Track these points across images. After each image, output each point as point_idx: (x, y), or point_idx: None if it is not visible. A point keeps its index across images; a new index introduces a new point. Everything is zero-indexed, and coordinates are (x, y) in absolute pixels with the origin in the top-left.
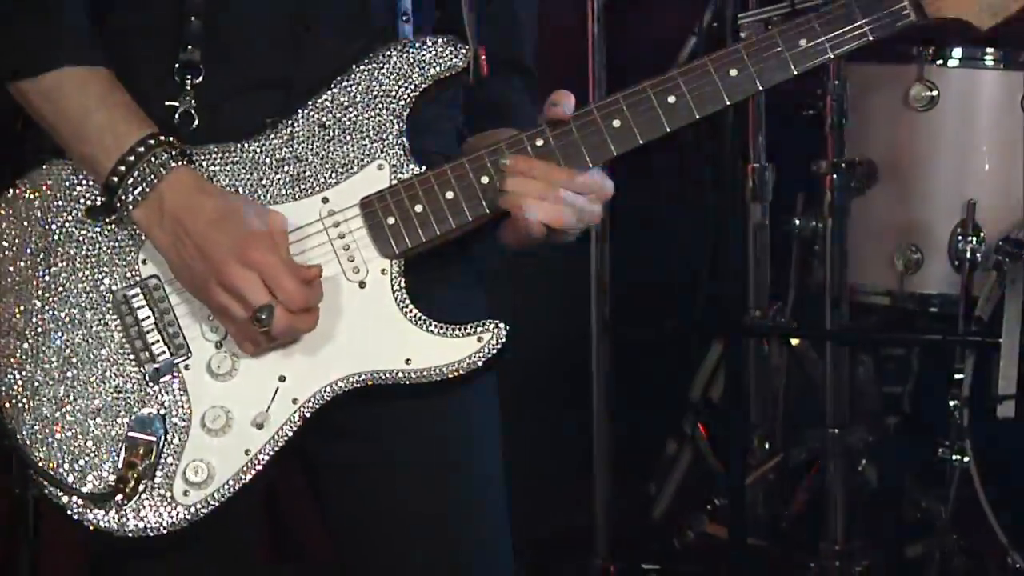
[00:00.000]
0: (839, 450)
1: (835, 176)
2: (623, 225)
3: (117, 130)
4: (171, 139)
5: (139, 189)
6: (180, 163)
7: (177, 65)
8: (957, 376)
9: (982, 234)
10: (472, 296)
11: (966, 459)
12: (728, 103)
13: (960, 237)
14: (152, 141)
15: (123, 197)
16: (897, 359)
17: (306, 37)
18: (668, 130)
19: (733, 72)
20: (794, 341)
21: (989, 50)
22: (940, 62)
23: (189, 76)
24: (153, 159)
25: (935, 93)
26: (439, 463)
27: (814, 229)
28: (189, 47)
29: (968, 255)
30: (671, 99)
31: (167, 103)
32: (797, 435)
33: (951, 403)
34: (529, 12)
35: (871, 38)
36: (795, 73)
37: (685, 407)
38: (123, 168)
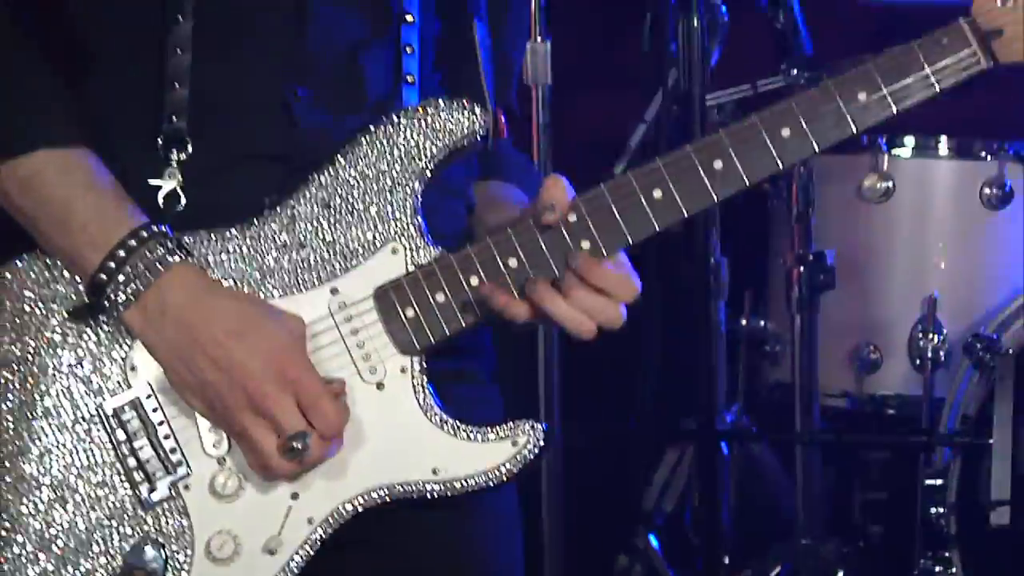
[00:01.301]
0: (812, 564)
1: (802, 269)
2: None
3: (105, 220)
4: (166, 231)
5: (132, 287)
6: (179, 258)
7: (160, 139)
8: (933, 481)
9: (945, 331)
10: (489, 393)
11: (953, 571)
12: (781, 168)
13: (921, 334)
14: (145, 233)
15: (113, 296)
16: (865, 463)
17: (299, 105)
18: (716, 199)
19: (785, 132)
20: (753, 447)
21: (943, 138)
22: (894, 151)
23: (174, 150)
24: (148, 254)
25: (890, 184)
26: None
27: (763, 328)
28: (173, 117)
29: (930, 353)
30: (718, 164)
31: (149, 182)
32: (760, 547)
33: (933, 510)
34: (518, 52)
35: (938, 89)
36: (854, 132)
37: (637, 518)
38: (113, 264)
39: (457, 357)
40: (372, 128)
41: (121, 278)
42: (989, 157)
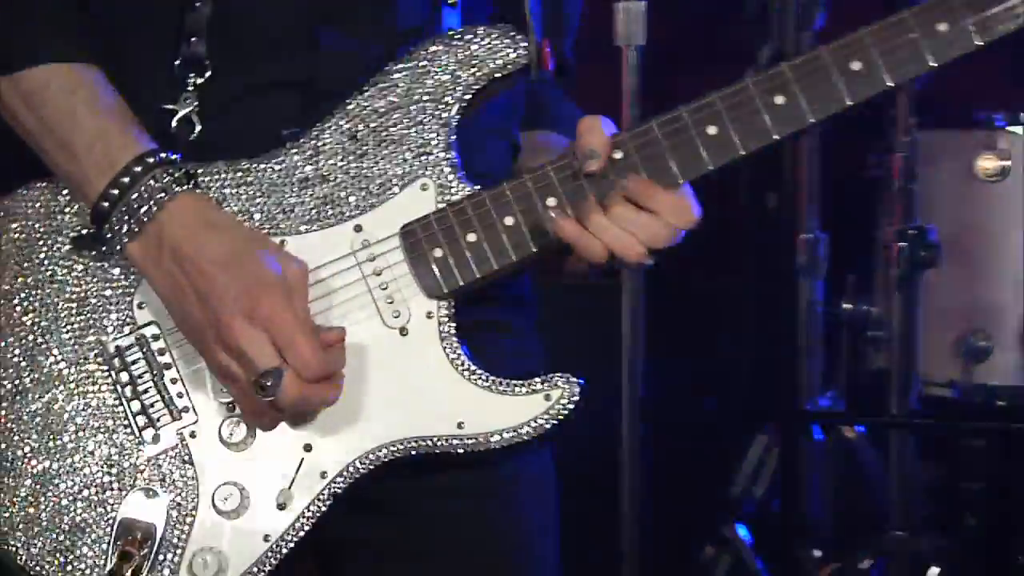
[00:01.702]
0: (906, 558)
1: (903, 245)
2: (657, 296)
3: (110, 145)
4: (174, 158)
5: (135, 218)
6: (185, 187)
7: (178, 61)
8: None
9: None
10: (528, 345)
11: None
12: (849, 104)
13: None
14: (152, 160)
15: (116, 227)
16: (971, 452)
17: (323, 29)
18: (775, 138)
19: (856, 66)
20: (848, 434)
21: None
22: (1011, 128)
23: (192, 74)
24: (153, 182)
25: (1007, 163)
26: (484, 551)
27: (866, 313)
28: (193, 39)
29: None
30: (779, 99)
31: (164, 107)
32: (854, 539)
33: None
34: (574, 5)
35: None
36: (933, 67)
37: (725, 505)
38: (116, 192)
39: (493, 307)
40: (406, 54)
41: (124, 207)
42: None
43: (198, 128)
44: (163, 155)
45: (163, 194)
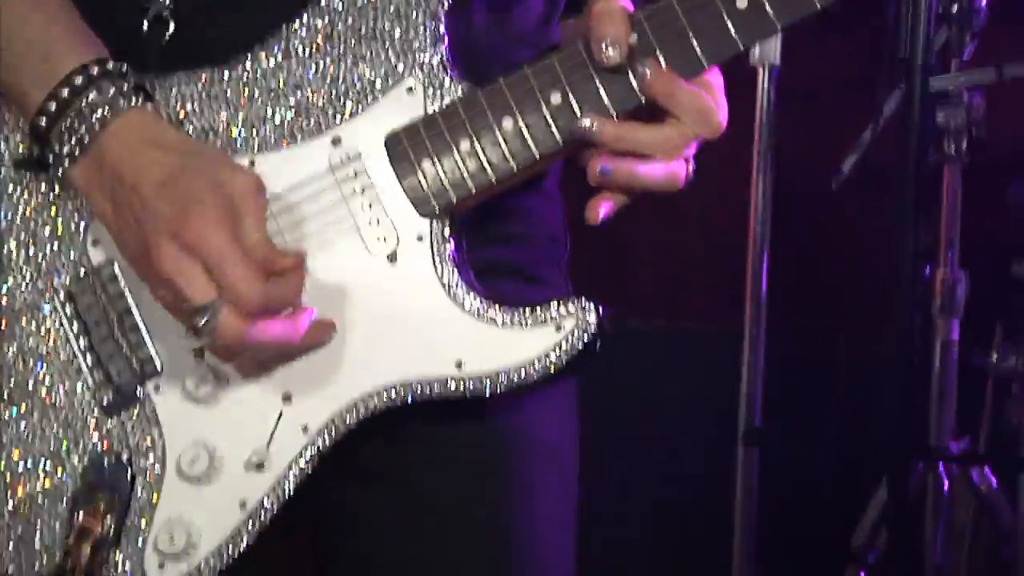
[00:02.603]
0: None
1: None
2: (776, 327)
3: (50, 52)
4: (124, 67)
5: (76, 137)
6: (133, 101)
7: None
8: None
9: None
10: (553, 295)
11: None
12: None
13: None
14: (97, 70)
15: (55, 147)
16: None
17: None
18: (819, 7)
19: None
20: (980, 484)
21: None
22: None
23: None
24: (96, 94)
25: None
26: (485, 520)
27: (1014, 367)
28: None
29: None
30: None
31: (136, 5)
32: None
33: None
34: None
35: None
36: None
37: (847, 555)
38: (55, 106)
39: (509, 247)
40: None
41: (65, 124)
42: None
43: (170, 29)
44: (110, 65)
45: (107, 108)
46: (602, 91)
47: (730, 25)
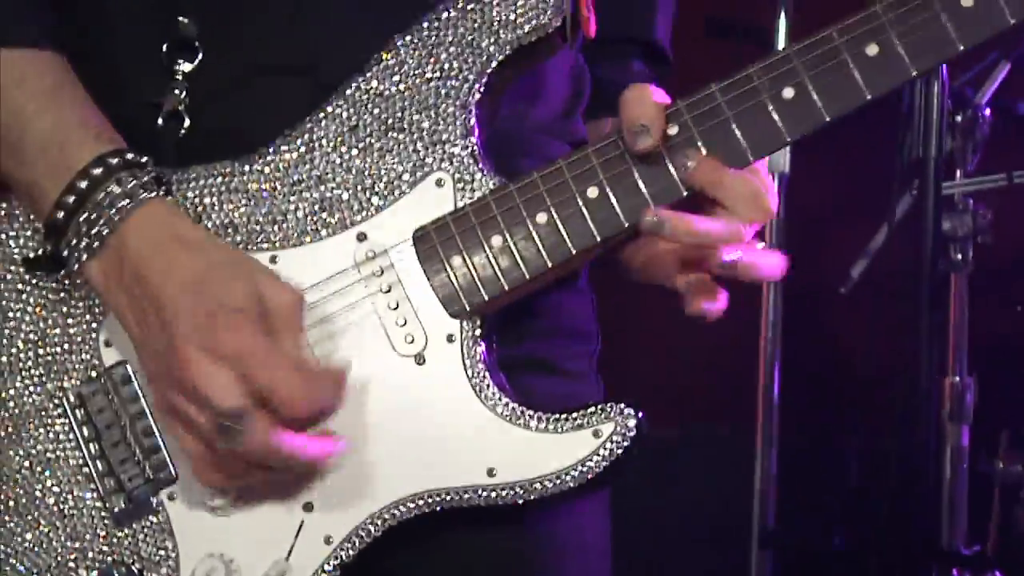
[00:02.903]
0: None
1: None
2: (788, 416)
3: (66, 144)
4: (142, 159)
5: (95, 231)
6: (154, 193)
7: (166, 46)
8: None
9: None
10: (584, 389)
11: None
12: (961, 48)
13: None
14: (115, 161)
15: (72, 242)
16: None
17: (327, 5)
18: (869, 98)
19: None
20: None
21: None
22: None
23: (181, 60)
24: (116, 187)
25: None
26: None
27: (1021, 474)
28: (182, 18)
29: None
30: (871, 50)
31: (151, 102)
32: None
33: None
34: None
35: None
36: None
37: None
38: (73, 200)
39: (539, 341)
40: (414, 28)
41: (82, 217)
42: None
43: (187, 123)
44: (129, 156)
45: (127, 201)
46: (640, 184)
47: (776, 117)
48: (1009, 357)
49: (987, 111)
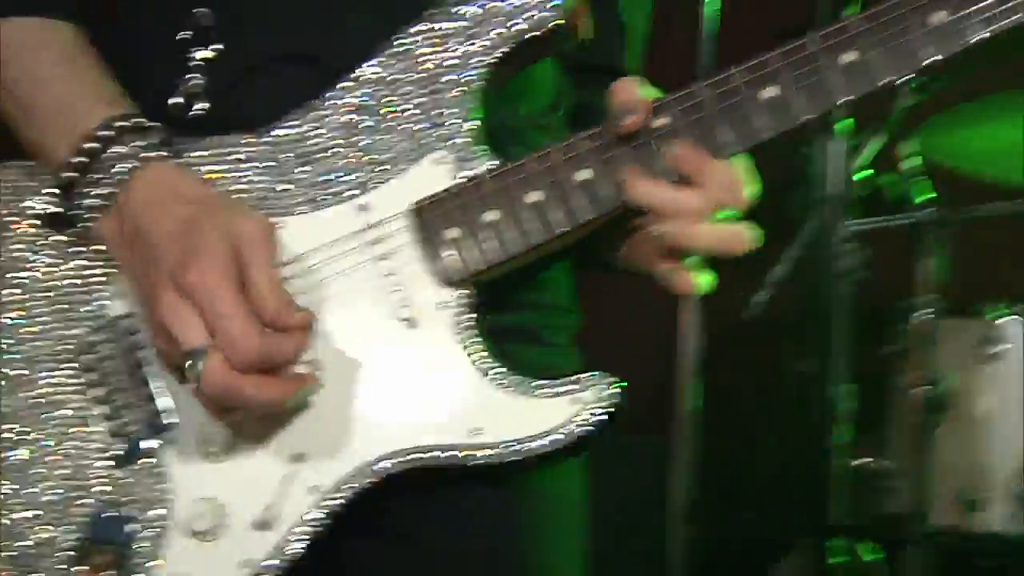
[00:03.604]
0: None
1: (925, 395)
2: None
3: (77, 108)
4: (151, 124)
5: (102, 190)
6: (159, 154)
7: (184, 35)
8: None
9: None
10: (562, 359)
11: None
12: (922, 65)
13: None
14: (123, 123)
15: (82, 201)
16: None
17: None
18: (842, 99)
19: (936, 17)
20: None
21: None
22: (1005, 317)
23: (199, 47)
24: (122, 148)
25: (1001, 347)
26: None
27: (876, 467)
28: (199, 9)
29: None
30: (848, 57)
31: (171, 82)
32: None
33: None
34: (638, 19)
35: None
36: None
37: None
38: (82, 160)
39: (522, 313)
40: (425, 17)
41: (91, 178)
42: None
43: (206, 105)
44: (137, 119)
45: (133, 163)
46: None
47: (764, 113)
48: (882, 369)
49: None
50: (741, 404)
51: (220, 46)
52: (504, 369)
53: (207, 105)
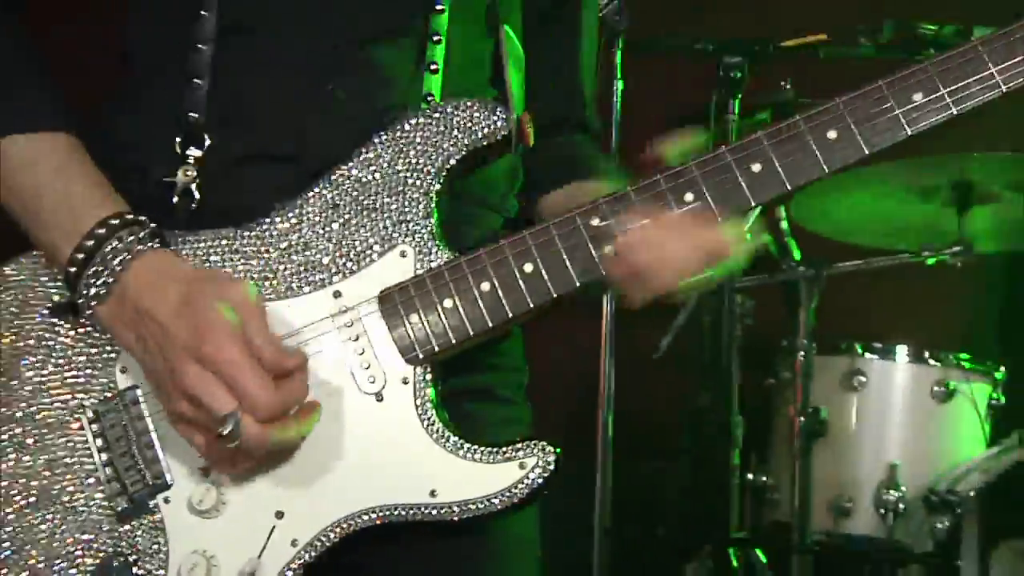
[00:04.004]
0: None
1: (802, 420)
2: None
3: (74, 211)
4: (141, 218)
5: (101, 280)
6: (150, 246)
7: (179, 136)
8: None
9: (902, 489)
10: (517, 412)
11: None
12: (828, 172)
13: (885, 490)
14: (116, 221)
15: (85, 291)
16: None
17: (314, 112)
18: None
19: (832, 134)
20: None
21: (902, 347)
22: (866, 355)
23: (192, 147)
24: (117, 243)
25: (863, 379)
26: None
27: (764, 483)
28: (192, 113)
29: (891, 504)
30: (756, 167)
31: (166, 179)
32: None
33: None
34: (590, 72)
35: (1004, 89)
36: (908, 134)
37: None
38: (82, 256)
39: (480, 375)
40: (388, 127)
41: (91, 270)
42: (936, 363)
43: (196, 197)
44: (128, 216)
45: (127, 255)
46: (568, 263)
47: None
48: (763, 403)
49: None
50: (652, 432)
51: (208, 143)
52: (458, 438)
53: (198, 197)
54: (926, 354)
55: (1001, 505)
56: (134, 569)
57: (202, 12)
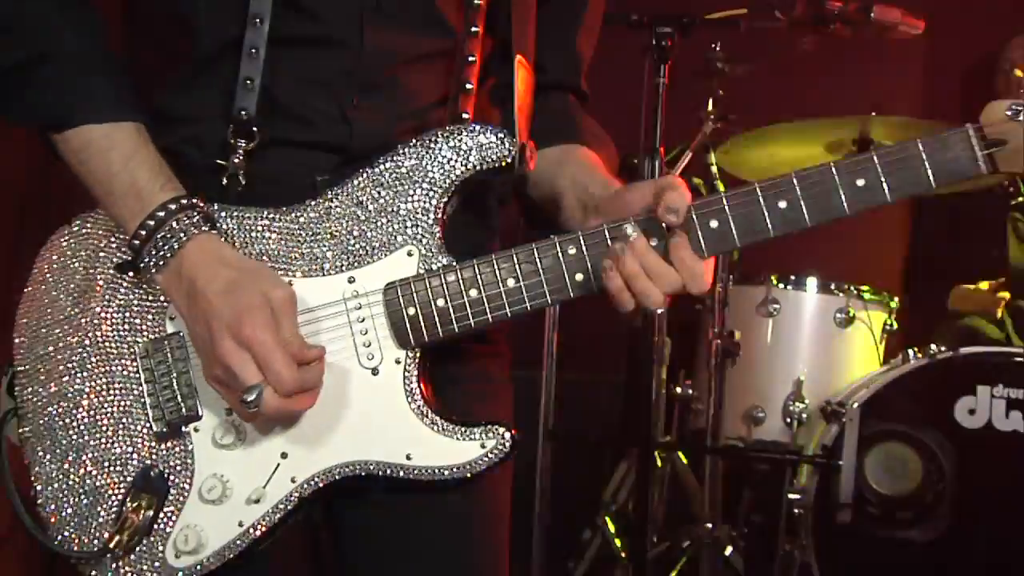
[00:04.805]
0: (710, 541)
1: (719, 342)
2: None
3: (141, 193)
4: (196, 203)
5: (161, 254)
6: (203, 229)
7: (231, 129)
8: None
9: (806, 401)
10: (499, 391)
11: (807, 554)
12: (934, 186)
13: (791, 402)
14: (174, 206)
15: (146, 260)
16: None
17: (355, 110)
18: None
19: (782, 204)
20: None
21: (811, 279)
22: (782, 285)
23: (243, 139)
24: (175, 224)
25: (777, 306)
26: (445, 546)
27: (689, 395)
28: (243, 111)
29: (796, 414)
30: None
31: (218, 162)
32: (678, 529)
33: (796, 511)
34: (589, 44)
35: (933, 186)
36: (846, 214)
37: (599, 505)
38: (145, 232)
39: (466, 357)
40: (413, 140)
41: (152, 245)
42: (840, 293)
43: (243, 183)
44: (184, 201)
45: (183, 235)
46: (545, 284)
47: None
48: (690, 327)
49: None
50: (591, 349)
51: (258, 140)
52: (435, 414)
53: (244, 182)
54: (832, 285)
55: (876, 415)
56: (168, 479)
57: (257, 21)
